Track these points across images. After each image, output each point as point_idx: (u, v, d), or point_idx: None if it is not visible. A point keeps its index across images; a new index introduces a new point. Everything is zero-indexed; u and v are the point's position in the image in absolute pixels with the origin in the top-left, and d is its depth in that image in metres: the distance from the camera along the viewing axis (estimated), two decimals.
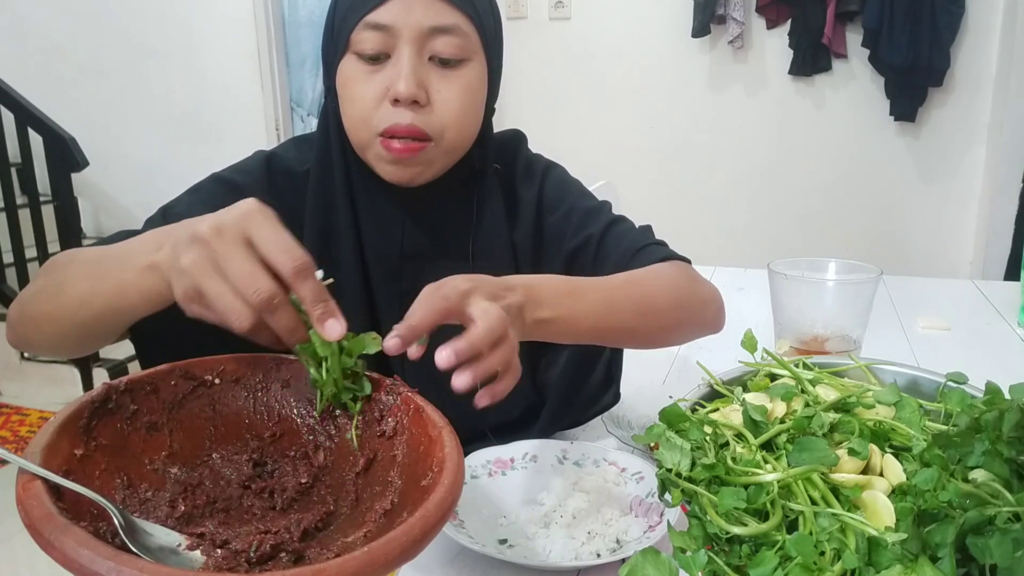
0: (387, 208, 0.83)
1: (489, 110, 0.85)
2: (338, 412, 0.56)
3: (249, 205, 0.54)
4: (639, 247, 0.85)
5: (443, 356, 0.52)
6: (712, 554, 0.48)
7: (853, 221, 3.11)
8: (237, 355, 0.57)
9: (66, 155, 2.82)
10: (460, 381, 0.53)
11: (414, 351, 0.54)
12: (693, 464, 0.52)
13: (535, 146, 0.98)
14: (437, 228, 0.85)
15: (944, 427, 0.55)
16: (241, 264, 0.51)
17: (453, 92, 0.78)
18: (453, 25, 0.76)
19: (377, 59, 0.76)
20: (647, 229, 0.90)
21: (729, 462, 0.52)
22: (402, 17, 0.75)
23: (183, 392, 0.54)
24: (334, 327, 0.53)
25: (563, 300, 0.68)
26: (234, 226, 0.52)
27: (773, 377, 0.66)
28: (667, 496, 0.53)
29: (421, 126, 0.76)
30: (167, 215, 0.79)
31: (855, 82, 2.99)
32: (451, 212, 0.85)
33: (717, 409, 0.62)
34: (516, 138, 0.96)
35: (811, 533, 0.47)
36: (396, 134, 0.76)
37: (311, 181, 0.83)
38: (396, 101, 0.75)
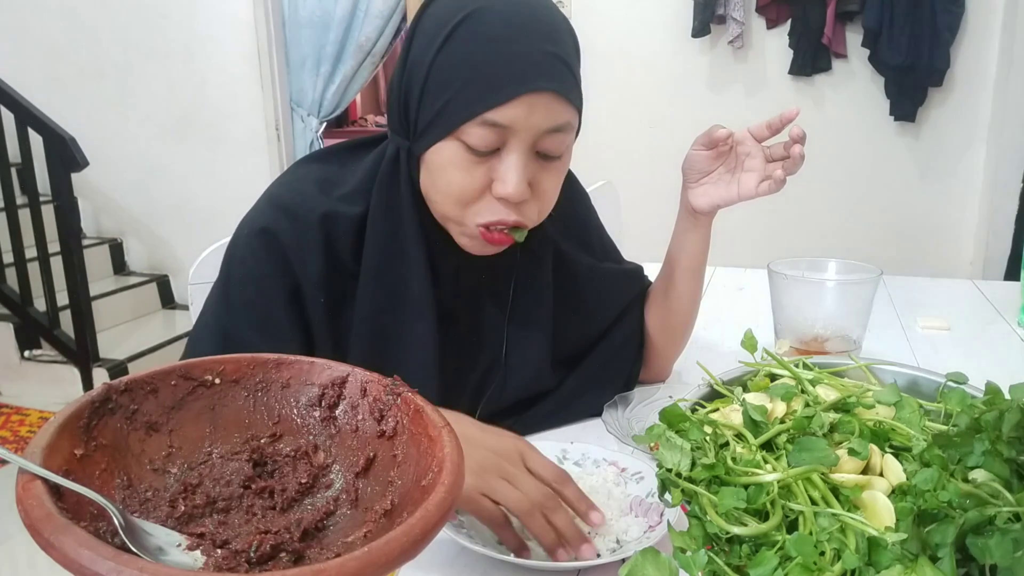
0: (448, 256, 0.84)
1: None
2: (337, 412, 0.56)
3: (516, 438, 0.72)
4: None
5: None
6: (712, 554, 0.48)
7: (853, 221, 3.11)
8: (237, 355, 0.57)
9: (66, 155, 2.82)
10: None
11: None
12: (693, 464, 0.52)
13: None
14: (486, 270, 0.86)
15: (944, 427, 0.55)
16: (526, 477, 0.68)
17: (552, 183, 0.79)
18: (566, 124, 0.76)
19: (486, 154, 0.74)
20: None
21: (729, 462, 0.52)
22: (523, 119, 0.72)
23: (183, 392, 0.54)
24: (597, 516, 0.69)
25: None
26: (513, 451, 0.70)
27: (773, 377, 0.66)
28: (667, 496, 0.53)
29: (522, 220, 0.77)
30: (230, 303, 0.81)
31: (855, 82, 2.99)
32: (499, 255, 0.85)
33: (717, 409, 0.62)
34: (568, 181, 0.98)
35: (811, 533, 0.47)
36: (499, 227, 0.77)
37: (372, 227, 0.81)
38: (502, 198, 0.75)
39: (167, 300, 3.72)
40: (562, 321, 0.94)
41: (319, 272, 0.80)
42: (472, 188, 0.75)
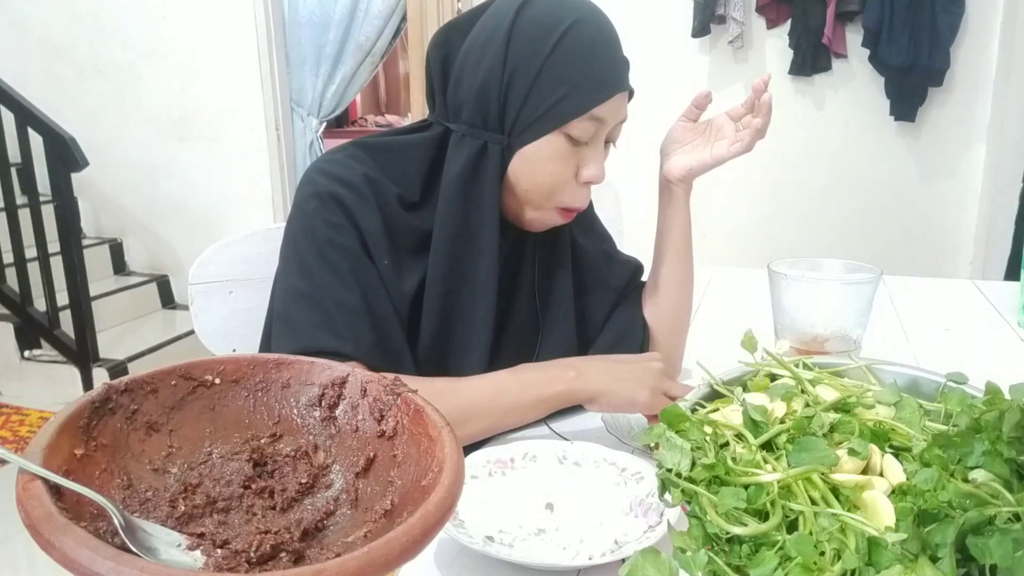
0: (504, 240, 0.90)
1: None
2: (337, 412, 0.56)
3: (642, 355, 0.92)
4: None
5: None
6: (712, 554, 0.48)
7: (853, 221, 3.11)
8: (236, 355, 0.57)
9: (66, 155, 2.82)
10: None
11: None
12: (693, 464, 0.52)
13: None
14: (518, 248, 0.93)
15: (944, 427, 0.55)
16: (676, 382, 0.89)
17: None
18: (625, 115, 0.88)
19: (578, 145, 0.83)
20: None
21: (729, 462, 0.52)
22: (614, 113, 0.85)
23: (183, 392, 0.54)
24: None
25: None
26: (654, 359, 0.90)
27: (773, 377, 0.66)
28: (667, 496, 0.53)
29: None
30: (316, 269, 0.82)
31: (855, 82, 2.99)
32: (526, 233, 0.93)
33: (717, 409, 0.62)
34: None
35: (811, 533, 0.47)
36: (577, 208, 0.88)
37: (445, 212, 0.87)
38: (586, 183, 0.86)
39: (167, 300, 3.72)
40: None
41: (379, 233, 0.85)
42: (567, 176, 0.85)
